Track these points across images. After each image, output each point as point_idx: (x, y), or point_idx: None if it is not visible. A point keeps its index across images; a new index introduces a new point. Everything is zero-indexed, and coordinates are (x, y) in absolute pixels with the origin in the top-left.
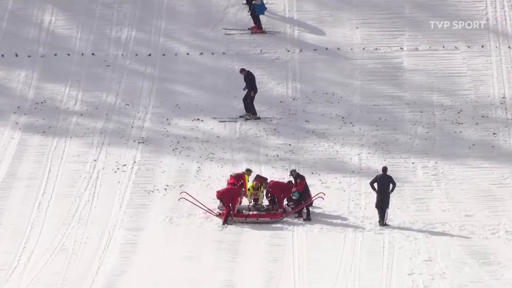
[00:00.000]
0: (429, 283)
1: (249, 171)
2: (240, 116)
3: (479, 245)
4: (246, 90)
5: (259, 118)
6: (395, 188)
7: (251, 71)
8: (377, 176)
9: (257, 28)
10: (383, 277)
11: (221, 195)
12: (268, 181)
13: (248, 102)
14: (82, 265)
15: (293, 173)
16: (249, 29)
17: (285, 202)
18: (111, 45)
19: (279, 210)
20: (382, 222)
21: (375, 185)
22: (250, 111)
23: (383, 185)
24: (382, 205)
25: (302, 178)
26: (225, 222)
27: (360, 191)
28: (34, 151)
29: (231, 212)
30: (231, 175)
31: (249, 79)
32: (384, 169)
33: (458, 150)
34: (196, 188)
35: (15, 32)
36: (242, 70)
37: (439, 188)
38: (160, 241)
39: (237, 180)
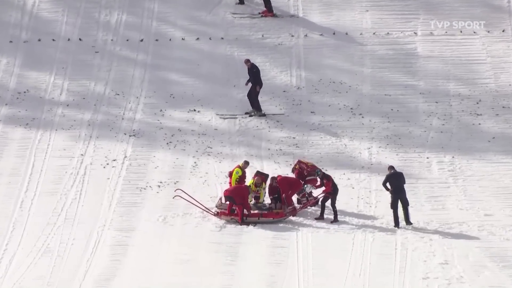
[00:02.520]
0: None
1: (245, 164)
2: (246, 113)
3: (500, 247)
4: (250, 84)
5: (264, 114)
6: (413, 188)
7: (255, 64)
8: (387, 175)
9: (268, 11)
10: (395, 281)
11: (231, 193)
12: (275, 176)
13: (253, 96)
14: (68, 269)
15: (319, 173)
16: (259, 13)
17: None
18: (100, 29)
19: (289, 207)
20: (398, 224)
21: (388, 185)
22: (254, 107)
23: (397, 182)
24: (401, 204)
25: (328, 178)
26: (242, 221)
27: (370, 188)
28: (16, 145)
29: (232, 212)
30: (227, 176)
31: (254, 72)
32: (391, 167)
33: (477, 143)
34: (192, 185)
35: None
36: (247, 61)
37: (456, 185)
38: (153, 242)
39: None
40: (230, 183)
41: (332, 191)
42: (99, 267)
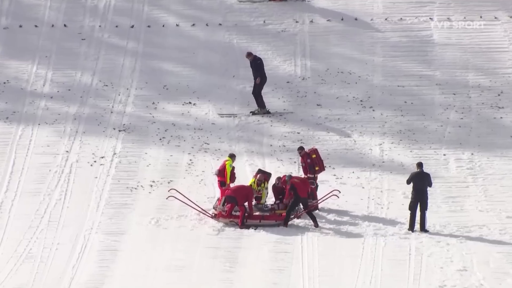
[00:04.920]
0: None
1: (233, 157)
2: (251, 112)
3: None
4: (257, 79)
5: (268, 112)
6: (429, 189)
7: (259, 56)
8: (412, 173)
9: None
10: None
11: (234, 193)
12: (280, 176)
13: (256, 92)
14: (53, 276)
15: (288, 177)
16: None
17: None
18: (87, 15)
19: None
20: (413, 228)
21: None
22: (257, 104)
23: (420, 183)
24: (418, 207)
25: (287, 183)
26: (243, 225)
27: (381, 188)
28: None
29: (245, 214)
30: (216, 174)
31: (257, 65)
32: (419, 164)
33: (498, 139)
34: (187, 185)
35: None
36: (249, 54)
37: (476, 184)
38: (144, 247)
39: (222, 176)
40: (221, 180)
41: (294, 199)
42: (86, 274)
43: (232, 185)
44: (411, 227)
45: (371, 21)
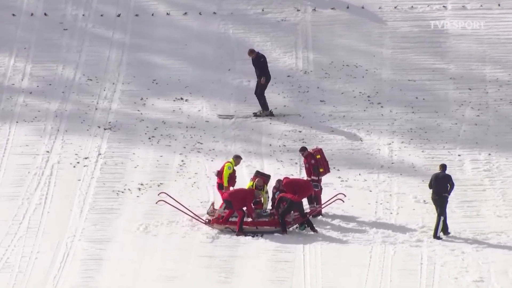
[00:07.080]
0: None
1: (237, 159)
2: (254, 114)
3: None
4: (260, 78)
5: (271, 114)
6: (453, 190)
7: (262, 53)
8: (433, 176)
9: None
10: None
11: (230, 196)
12: (280, 179)
13: (258, 92)
14: (32, 287)
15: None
16: None
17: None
18: (69, 2)
19: (294, 214)
20: (436, 234)
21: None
22: (260, 105)
23: (439, 186)
24: (436, 211)
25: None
26: (240, 231)
27: (391, 191)
28: None
29: (226, 219)
30: (216, 175)
31: (260, 63)
32: (443, 166)
33: None
34: (178, 188)
35: None
36: (251, 52)
37: (493, 187)
38: (132, 256)
39: (221, 178)
40: (220, 183)
41: (287, 205)
42: (68, 285)
43: (231, 188)
44: (445, 232)
45: (379, 9)
